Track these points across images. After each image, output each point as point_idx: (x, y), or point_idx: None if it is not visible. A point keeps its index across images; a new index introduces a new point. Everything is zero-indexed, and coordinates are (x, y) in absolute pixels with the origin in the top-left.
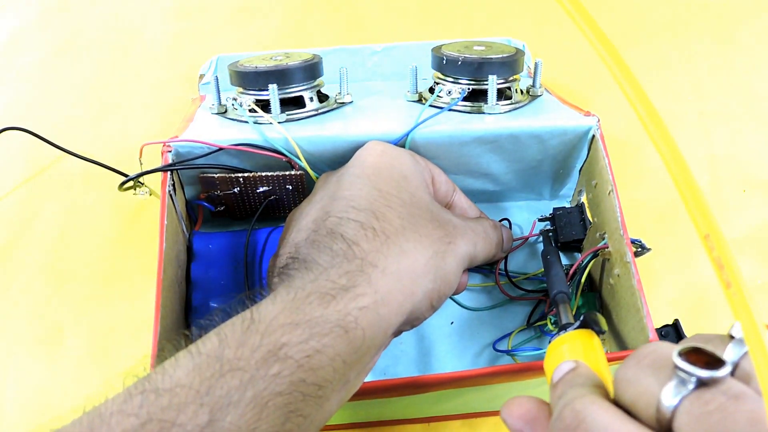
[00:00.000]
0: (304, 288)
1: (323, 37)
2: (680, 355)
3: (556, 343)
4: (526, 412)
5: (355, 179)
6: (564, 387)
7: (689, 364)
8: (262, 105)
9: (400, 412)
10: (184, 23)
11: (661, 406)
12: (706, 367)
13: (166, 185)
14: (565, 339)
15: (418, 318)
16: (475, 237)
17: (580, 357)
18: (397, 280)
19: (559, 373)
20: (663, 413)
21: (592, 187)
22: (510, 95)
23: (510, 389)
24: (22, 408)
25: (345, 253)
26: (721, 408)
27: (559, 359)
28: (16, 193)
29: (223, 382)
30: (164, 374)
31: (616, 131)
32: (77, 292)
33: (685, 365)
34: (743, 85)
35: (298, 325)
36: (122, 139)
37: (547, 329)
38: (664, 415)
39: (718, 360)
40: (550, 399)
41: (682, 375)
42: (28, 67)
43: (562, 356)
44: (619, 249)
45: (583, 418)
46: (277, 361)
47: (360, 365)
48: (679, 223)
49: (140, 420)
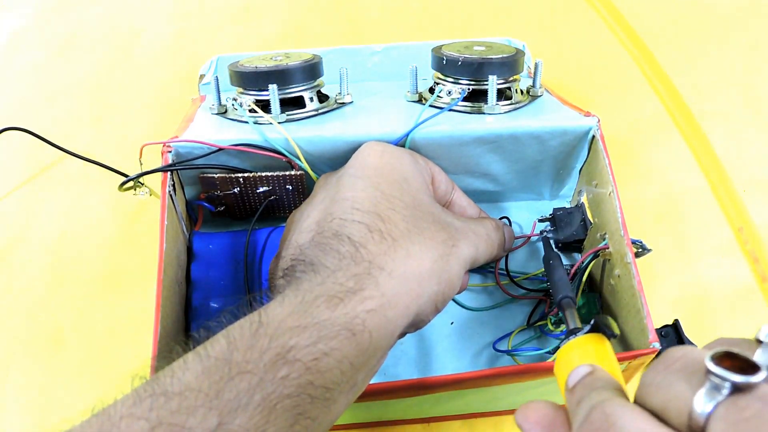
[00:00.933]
0: (312, 290)
1: (323, 38)
2: (713, 359)
3: (567, 348)
4: (543, 416)
5: (356, 180)
6: (584, 391)
7: (724, 369)
8: (262, 105)
9: (400, 413)
10: (184, 23)
11: (694, 412)
12: (741, 372)
13: (166, 185)
14: (577, 344)
15: (422, 320)
16: (477, 239)
17: (593, 362)
18: (404, 283)
19: (576, 376)
20: (696, 420)
21: (593, 187)
22: (510, 95)
23: (510, 390)
24: (23, 408)
25: (353, 255)
26: (759, 414)
27: (572, 364)
28: (16, 193)
29: (232, 385)
30: (173, 377)
31: (616, 131)
32: (77, 292)
33: (719, 370)
34: (743, 85)
35: (306, 327)
36: (122, 139)
37: (547, 329)
38: (697, 421)
39: (753, 365)
40: (567, 404)
41: (716, 380)
42: (28, 67)
43: (574, 361)
44: (620, 250)
45: (614, 421)
46: (285, 363)
47: (367, 367)
48: (679, 223)
49: (150, 424)
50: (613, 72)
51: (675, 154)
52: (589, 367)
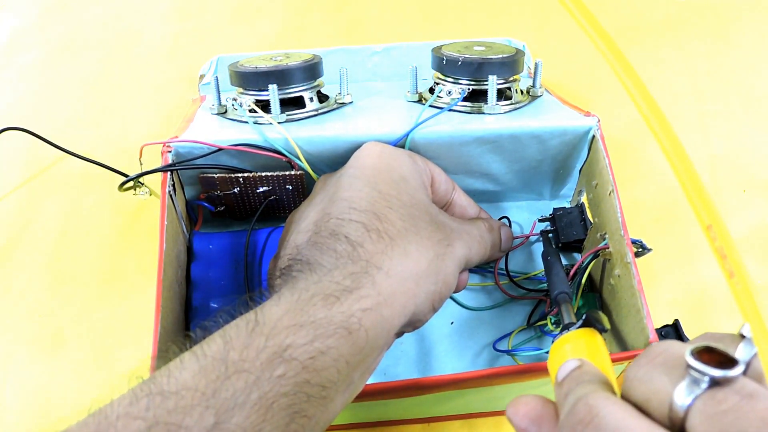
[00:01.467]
0: (308, 289)
1: (323, 38)
2: (693, 354)
3: (560, 343)
4: (532, 410)
5: (354, 180)
6: (571, 384)
7: (702, 364)
8: (262, 105)
9: (400, 413)
10: (184, 23)
11: (674, 405)
12: (719, 367)
13: (166, 185)
14: (568, 338)
15: (420, 319)
16: (470, 240)
17: (584, 356)
18: (401, 282)
19: (564, 370)
20: (676, 412)
21: (593, 187)
22: (510, 95)
23: (510, 390)
24: (22, 408)
25: (349, 254)
26: (735, 408)
27: (563, 358)
28: (16, 193)
29: (229, 384)
30: (169, 376)
31: (616, 131)
32: (77, 292)
33: (698, 365)
34: (743, 85)
35: (303, 326)
36: (122, 139)
37: (547, 329)
38: (677, 414)
39: (731, 359)
40: (556, 397)
41: (695, 374)
42: (28, 67)
43: (566, 355)
44: (620, 249)
45: (596, 412)
46: (282, 362)
47: (363, 366)
48: (679, 223)
49: (147, 423)
50: (612, 72)
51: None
52: (577, 361)
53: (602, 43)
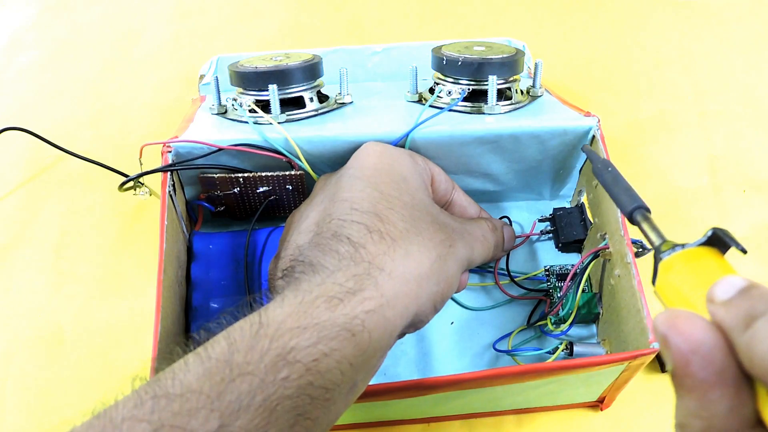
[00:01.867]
0: (311, 291)
1: (323, 38)
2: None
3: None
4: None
5: (355, 181)
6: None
7: None
8: (262, 105)
9: (400, 413)
10: (184, 23)
11: None
12: None
13: (166, 185)
14: (693, 255)
15: (421, 321)
16: (473, 240)
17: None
18: (403, 283)
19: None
20: None
21: (593, 187)
22: (510, 96)
23: (510, 390)
24: (22, 408)
25: (352, 255)
26: None
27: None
28: (17, 193)
29: (233, 387)
30: (174, 378)
31: (616, 131)
32: (77, 292)
33: None
34: (743, 85)
35: (306, 328)
36: (122, 139)
37: (548, 329)
38: None
39: None
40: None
41: None
42: (28, 67)
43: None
44: (620, 250)
45: None
46: (285, 365)
47: (366, 368)
48: (679, 223)
49: (152, 426)
50: (612, 72)
51: (675, 154)
52: (744, 279)
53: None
